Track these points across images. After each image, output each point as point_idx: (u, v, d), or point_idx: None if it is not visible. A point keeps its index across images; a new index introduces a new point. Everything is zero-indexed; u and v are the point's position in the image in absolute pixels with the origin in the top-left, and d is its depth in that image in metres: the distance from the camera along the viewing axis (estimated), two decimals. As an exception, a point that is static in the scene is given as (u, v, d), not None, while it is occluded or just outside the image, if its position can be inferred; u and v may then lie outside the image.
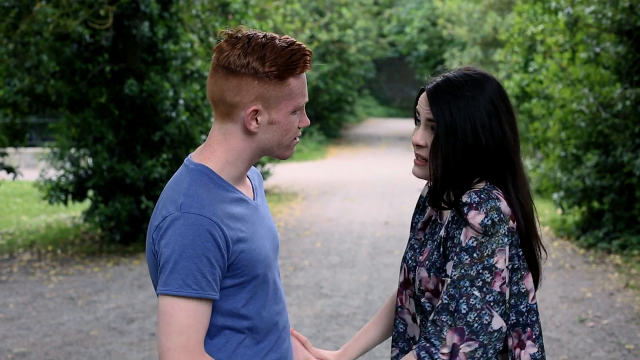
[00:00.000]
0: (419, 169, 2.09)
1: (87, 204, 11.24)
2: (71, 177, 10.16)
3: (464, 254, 1.92)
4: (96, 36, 9.58)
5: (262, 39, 1.88)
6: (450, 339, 1.90)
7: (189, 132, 9.93)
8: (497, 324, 1.92)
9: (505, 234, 1.93)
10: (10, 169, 10.03)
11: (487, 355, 1.92)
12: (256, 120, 1.90)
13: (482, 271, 1.91)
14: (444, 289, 1.94)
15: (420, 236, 2.16)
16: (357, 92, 31.80)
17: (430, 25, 31.22)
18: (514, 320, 2.00)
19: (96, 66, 9.81)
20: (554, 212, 11.56)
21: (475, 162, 2.00)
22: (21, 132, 10.60)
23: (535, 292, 2.04)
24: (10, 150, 11.03)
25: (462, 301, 1.90)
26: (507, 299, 1.94)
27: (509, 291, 1.97)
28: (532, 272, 2.02)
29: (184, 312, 1.80)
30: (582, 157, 9.84)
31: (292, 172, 18.23)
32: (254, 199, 2.04)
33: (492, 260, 1.91)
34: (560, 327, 6.30)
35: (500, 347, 1.94)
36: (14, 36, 9.05)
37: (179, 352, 1.79)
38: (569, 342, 5.92)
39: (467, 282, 1.91)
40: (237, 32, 1.90)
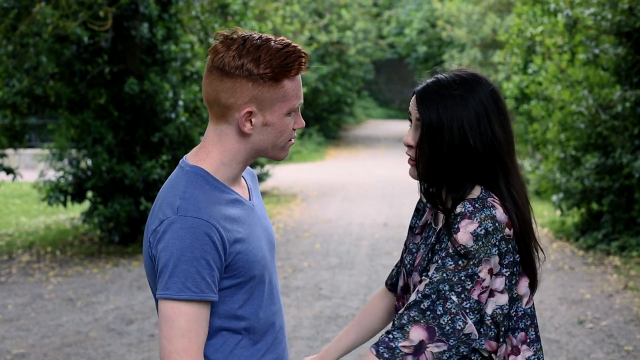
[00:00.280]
0: (412, 169, 2.09)
1: (86, 205, 11.24)
2: (70, 178, 10.15)
3: (450, 259, 1.91)
4: (95, 37, 9.58)
5: (257, 40, 1.87)
6: (415, 335, 1.90)
7: (188, 134, 9.93)
8: (468, 329, 1.92)
9: (495, 244, 1.92)
10: (9, 170, 10.02)
11: (453, 358, 1.93)
12: (250, 121, 1.89)
13: (464, 278, 1.91)
14: (419, 287, 1.93)
15: (417, 240, 2.16)
16: (356, 94, 31.83)
17: (429, 26, 31.23)
18: (508, 325, 1.99)
19: (95, 67, 9.81)
20: (553, 214, 11.56)
21: (463, 163, 1.98)
22: (20, 133, 10.60)
23: (531, 296, 2.03)
24: (9, 151, 11.03)
25: (438, 303, 1.90)
26: (482, 308, 1.94)
27: (508, 298, 1.97)
28: (529, 275, 2.01)
29: (185, 316, 1.81)
30: (582, 158, 9.84)
31: (291, 174, 18.23)
32: (250, 199, 2.04)
33: (477, 269, 1.91)
34: (559, 329, 6.30)
35: (465, 351, 1.94)
36: (13, 37, 9.06)
37: (181, 356, 1.80)
38: (568, 344, 5.92)
39: (447, 286, 1.90)
40: (233, 33, 1.90)
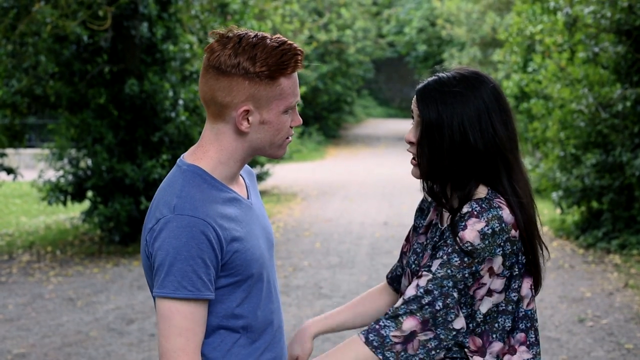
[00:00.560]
0: (414, 169, 2.07)
1: (86, 204, 11.24)
2: (70, 177, 10.15)
3: (456, 255, 1.91)
4: (95, 37, 9.58)
5: (253, 38, 1.87)
6: (408, 326, 1.90)
7: (188, 133, 9.93)
8: (459, 324, 1.92)
9: (500, 245, 1.92)
10: (9, 170, 10.02)
11: (439, 349, 1.91)
12: (247, 120, 1.89)
13: (467, 276, 1.91)
14: (419, 282, 1.92)
15: (422, 240, 2.15)
16: (356, 93, 31.83)
17: (429, 25, 31.22)
18: (508, 325, 1.98)
19: (95, 67, 9.80)
20: (553, 212, 11.56)
21: (465, 161, 1.98)
22: (20, 133, 10.61)
23: (533, 297, 2.02)
24: (9, 151, 11.04)
25: (439, 299, 1.89)
26: (475, 303, 1.94)
27: (505, 297, 1.96)
28: (533, 276, 2.00)
29: (182, 314, 1.81)
30: (582, 157, 9.84)
31: (292, 173, 18.23)
32: (248, 197, 2.04)
33: (480, 267, 1.91)
34: (559, 327, 6.30)
35: (450, 344, 1.92)
36: (13, 37, 9.05)
37: (178, 354, 1.80)
38: (569, 342, 5.92)
39: (451, 282, 1.90)
40: (228, 32, 1.89)
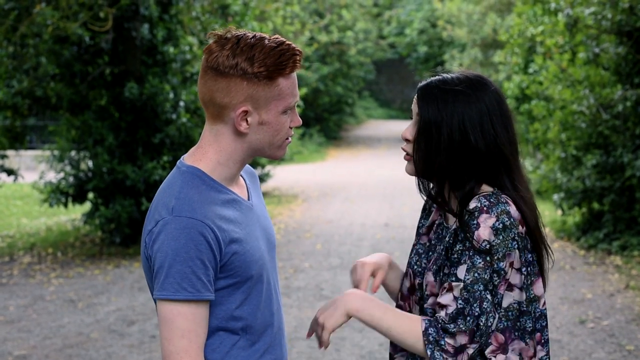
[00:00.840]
0: (408, 165, 2.08)
1: (87, 206, 11.24)
2: (71, 179, 10.15)
3: (477, 257, 1.91)
4: (96, 38, 9.59)
5: (251, 39, 1.86)
6: (460, 340, 1.91)
7: (189, 134, 9.93)
8: (495, 325, 1.94)
9: (514, 238, 1.92)
10: (10, 172, 10.03)
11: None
12: (246, 121, 1.88)
13: (493, 275, 1.91)
14: (456, 293, 1.92)
15: (424, 241, 2.14)
16: (357, 94, 31.83)
17: (430, 26, 31.24)
18: (529, 326, 1.99)
19: (96, 68, 9.81)
20: (554, 213, 11.55)
21: (463, 161, 1.98)
22: (21, 134, 10.60)
23: (544, 296, 2.03)
24: (10, 152, 11.05)
25: (475, 305, 1.90)
26: (503, 302, 1.95)
27: (526, 297, 1.97)
28: (541, 276, 2.02)
29: (183, 316, 1.81)
30: (582, 158, 9.83)
31: (292, 174, 18.23)
32: (249, 199, 2.03)
33: (502, 264, 1.91)
34: (560, 328, 6.29)
35: (484, 345, 1.95)
36: (14, 38, 9.06)
37: (181, 356, 1.81)
38: (570, 343, 5.91)
39: (482, 285, 1.91)
40: (227, 33, 1.89)
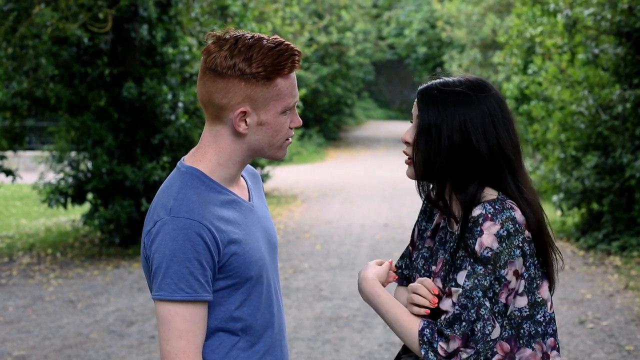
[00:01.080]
0: (409, 169, 2.07)
1: (86, 207, 11.24)
2: (70, 180, 10.15)
3: (479, 264, 1.91)
4: (95, 39, 9.59)
5: (249, 40, 1.86)
6: (453, 344, 1.91)
7: (188, 135, 9.94)
8: (495, 334, 1.93)
9: (518, 246, 1.92)
10: (9, 172, 10.03)
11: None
12: (245, 121, 1.88)
13: (493, 282, 1.91)
14: (454, 299, 1.93)
15: (430, 244, 2.13)
16: (356, 95, 31.82)
17: (429, 27, 31.22)
18: (533, 330, 1.98)
19: (95, 69, 9.81)
20: (554, 214, 11.55)
21: (465, 163, 1.97)
22: (20, 135, 10.60)
23: (552, 299, 2.02)
24: (9, 153, 11.03)
25: (472, 311, 1.90)
26: (507, 311, 1.94)
27: (528, 301, 1.97)
28: (548, 278, 2.01)
29: (181, 316, 1.81)
30: (582, 158, 9.84)
31: (292, 175, 18.23)
32: (249, 199, 2.02)
33: (503, 271, 1.91)
34: (560, 329, 6.29)
35: (488, 354, 1.94)
36: (13, 39, 9.05)
37: (179, 357, 1.81)
38: (569, 344, 5.91)
39: (480, 292, 1.90)
40: (225, 33, 1.89)
